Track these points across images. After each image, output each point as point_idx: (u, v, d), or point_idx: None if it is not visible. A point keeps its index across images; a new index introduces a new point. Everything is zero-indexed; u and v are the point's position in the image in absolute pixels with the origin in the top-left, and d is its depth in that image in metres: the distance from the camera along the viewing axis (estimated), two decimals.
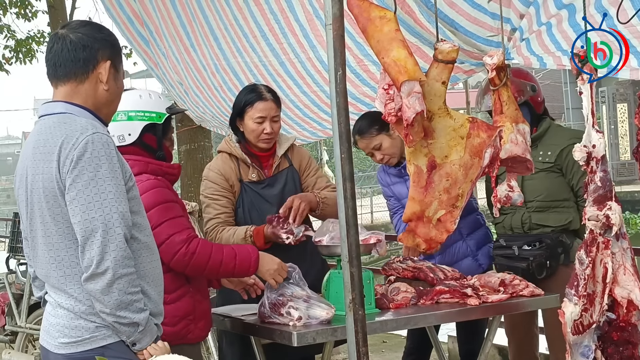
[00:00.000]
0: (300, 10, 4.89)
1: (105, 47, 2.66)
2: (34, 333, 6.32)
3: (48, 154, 2.54)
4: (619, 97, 26.37)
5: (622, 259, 3.34)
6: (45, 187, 2.54)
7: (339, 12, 2.76)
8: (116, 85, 2.71)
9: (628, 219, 21.47)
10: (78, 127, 2.54)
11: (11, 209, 26.48)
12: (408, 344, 4.72)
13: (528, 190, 4.23)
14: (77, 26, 2.69)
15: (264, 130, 3.94)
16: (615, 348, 3.39)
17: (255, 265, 3.40)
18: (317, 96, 5.39)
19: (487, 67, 3.75)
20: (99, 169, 2.50)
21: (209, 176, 4.02)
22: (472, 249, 4.41)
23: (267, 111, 3.94)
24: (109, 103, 2.71)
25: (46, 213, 2.56)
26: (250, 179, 4.00)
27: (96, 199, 2.48)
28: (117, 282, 2.48)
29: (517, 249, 4.20)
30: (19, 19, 11.53)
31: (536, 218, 4.24)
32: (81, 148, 2.49)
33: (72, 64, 2.63)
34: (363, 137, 4.37)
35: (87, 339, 2.55)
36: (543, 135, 4.27)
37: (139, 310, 2.54)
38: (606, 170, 3.35)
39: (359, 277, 2.79)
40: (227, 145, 4.05)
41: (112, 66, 2.67)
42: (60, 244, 2.55)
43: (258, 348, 3.62)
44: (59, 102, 2.64)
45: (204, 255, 3.27)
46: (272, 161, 4.05)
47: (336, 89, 2.77)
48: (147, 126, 3.34)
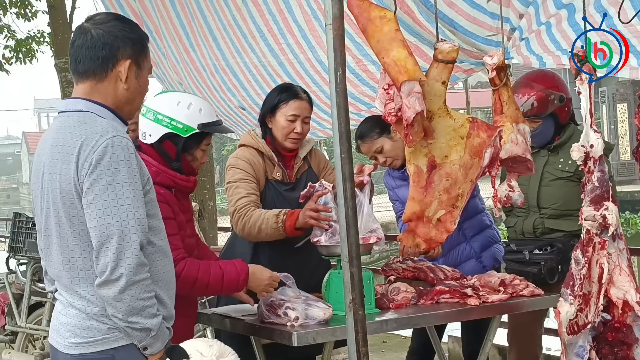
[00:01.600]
0: (298, 11, 4.89)
1: (126, 45, 2.60)
2: (34, 333, 6.33)
3: (67, 154, 2.50)
4: (619, 97, 26.37)
5: (618, 259, 3.34)
6: (63, 188, 2.50)
7: (339, 12, 2.76)
8: (138, 83, 2.65)
9: (628, 219, 21.45)
10: (98, 129, 2.49)
11: (11, 209, 26.50)
12: (412, 344, 4.71)
13: (544, 196, 4.21)
14: (101, 21, 2.63)
15: (295, 129, 3.88)
16: (610, 349, 3.39)
17: (244, 283, 3.34)
18: (317, 96, 5.40)
19: (487, 67, 3.75)
20: (118, 174, 2.45)
21: (238, 164, 3.90)
22: (475, 250, 4.40)
23: (300, 110, 3.89)
24: (129, 101, 2.65)
25: (62, 214, 2.52)
26: (275, 177, 3.95)
27: (113, 204, 2.44)
28: (130, 288, 2.44)
29: (528, 254, 4.15)
30: (19, 19, 11.56)
31: (549, 223, 4.21)
32: (100, 151, 2.45)
33: (90, 61, 2.58)
34: (364, 141, 4.35)
35: (99, 340, 2.53)
36: (566, 142, 4.17)
37: (152, 315, 2.50)
38: (604, 170, 3.35)
39: (359, 277, 2.79)
40: (253, 140, 3.97)
41: (134, 64, 2.62)
42: (75, 246, 2.52)
43: (258, 348, 3.62)
44: (80, 99, 2.59)
45: (190, 279, 3.19)
46: (294, 162, 4.02)
47: (336, 89, 2.77)
48: (169, 134, 3.25)
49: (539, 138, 4.24)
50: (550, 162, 4.25)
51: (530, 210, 4.28)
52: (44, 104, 68.08)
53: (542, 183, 4.22)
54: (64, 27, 9.67)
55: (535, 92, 4.16)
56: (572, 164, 4.07)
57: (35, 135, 59.65)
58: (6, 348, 6.53)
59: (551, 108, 4.18)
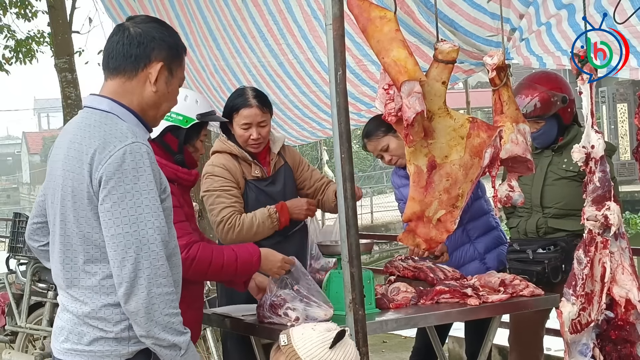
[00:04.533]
0: (298, 12, 4.90)
1: (161, 48, 2.56)
2: (34, 333, 6.33)
3: (81, 153, 2.44)
4: (619, 97, 26.36)
5: (621, 258, 3.35)
6: (75, 188, 2.45)
7: (339, 12, 2.77)
8: (167, 88, 2.59)
9: (628, 219, 21.47)
10: (117, 134, 2.43)
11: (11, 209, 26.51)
12: (415, 344, 4.71)
13: (547, 196, 4.21)
14: (141, 21, 2.60)
15: (251, 136, 3.93)
16: (613, 346, 3.40)
17: (257, 264, 3.39)
18: (317, 96, 5.40)
19: (487, 67, 3.75)
20: (137, 182, 2.38)
21: (214, 171, 3.94)
22: (479, 252, 4.39)
23: (252, 117, 3.92)
24: (156, 105, 2.59)
25: (70, 212, 2.47)
26: (254, 175, 3.99)
27: (131, 213, 2.37)
28: (153, 302, 2.36)
29: (531, 253, 4.15)
30: (19, 19, 11.55)
31: (552, 223, 4.21)
32: (119, 158, 2.39)
33: (123, 58, 2.54)
34: (370, 139, 4.35)
35: (86, 353, 2.45)
36: (570, 142, 4.16)
37: (178, 332, 2.41)
38: (605, 170, 3.35)
39: (359, 277, 2.79)
40: (225, 145, 4.02)
41: (166, 68, 2.57)
42: (79, 247, 2.47)
43: (258, 348, 3.62)
44: (105, 98, 2.54)
45: (205, 260, 3.24)
46: (269, 158, 4.06)
47: (336, 89, 2.78)
48: (171, 127, 3.31)
49: (542, 139, 4.24)
50: (554, 162, 4.25)
51: (534, 209, 4.28)
52: (44, 104, 68.11)
53: (545, 183, 4.22)
54: (64, 27, 9.67)
55: (538, 93, 4.16)
56: (576, 164, 4.06)
57: (35, 135, 59.71)
58: (6, 348, 6.54)
59: (554, 109, 4.18)
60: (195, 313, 3.34)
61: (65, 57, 9.49)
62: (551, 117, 4.19)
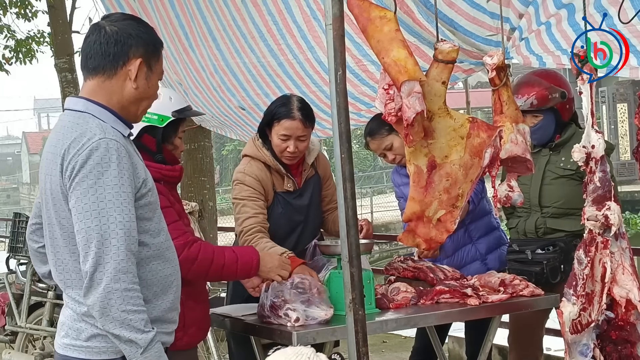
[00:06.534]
0: (297, 12, 4.89)
1: (139, 44, 2.56)
2: (34, 333, 6.33)
3: (55, 155, 2.48)
4: (619, 97, 26.34)
5: (621, 258, 3.35)
6: (53, 190, 2.48)
7: (339, 12, 2.76)
8: (147, 84, 2.60)
9: (628, 219, 21.44)
10: (87, 132, 2.45)
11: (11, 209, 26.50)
12: (416, 344, 4.71)
13: (545, 195, 4.21)
14: (117, 19, 2.61)
15: (287, 149, 3.84)
16: (614, 347, 3.40)
17: (256, 267, 3.37)
18: (316, 96, 5.40)
19: (487, 67, 3.75)
20: (101, 177, 2.39)
21: (245, 180, 3.88)
22: (481, 252, 4.39)
23: (292, 130, 3.82)
24: (137, 101, 2.60)
25: (53, 215, 2.50)
26: (286, 189, 3.94)
27: (94, 208, 2.38)
28: (110, 297, 2.35)
29: (530, 253, 4.15)
30: (19, 19, 11.54)
31: (551, 223, 4.22)
32: (85, 154, 2.41)
33: (101, 57, 2.54)
34: (374, 138, 4.34)
35: (84, 348, 2.48)
36: (567, 141, 4.19)
37: (137, 330, 2.39)
38: (605, 170, 3.36)
39: (359, 277, 2.78)
40: (259, 153, 3.91)
41: (145, 64, 2.58)
42: (64, 248, 2.49)
43: (258, 348, 3.62)
44: (81, 98, 2.56)
45: (206, 260, 3.23)
46: (302, 169, 4.00)
47: (336, 89, 2.77)
48: (146, 127, 3.27)
49: (540, 134, 4.24)
50: (552, 160, 4.25)
51: (532, 209, 4.28)
52: (44, 104, 68.10)
53: (543, 182, 4.22)
54: (64, 27, 9.65)
55: (537, 86, 4.18)
56: (574, 163, 4.05)
57: (35, 135, 59.63)
58: (6, 348, 6.54)
59: (552, 102, 4.19)
60: (204, 306, 3.38)
61: (65, 57, 9.47)
62: (549, 112, 4.19)
